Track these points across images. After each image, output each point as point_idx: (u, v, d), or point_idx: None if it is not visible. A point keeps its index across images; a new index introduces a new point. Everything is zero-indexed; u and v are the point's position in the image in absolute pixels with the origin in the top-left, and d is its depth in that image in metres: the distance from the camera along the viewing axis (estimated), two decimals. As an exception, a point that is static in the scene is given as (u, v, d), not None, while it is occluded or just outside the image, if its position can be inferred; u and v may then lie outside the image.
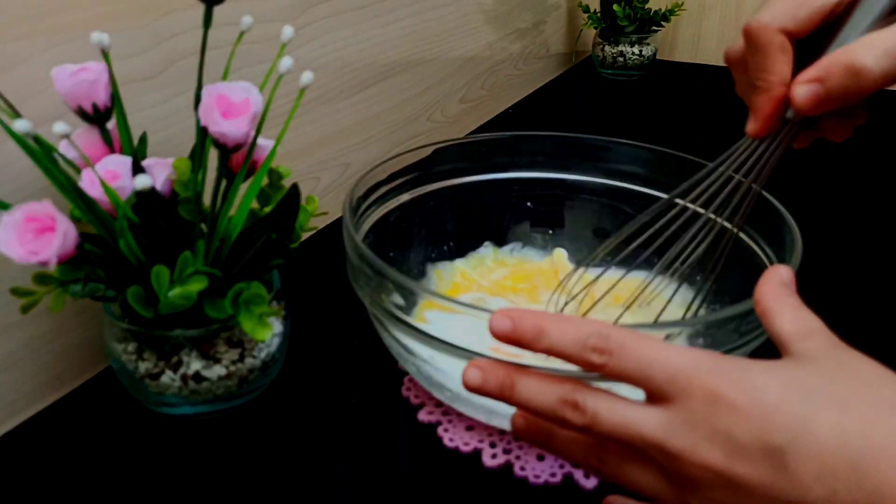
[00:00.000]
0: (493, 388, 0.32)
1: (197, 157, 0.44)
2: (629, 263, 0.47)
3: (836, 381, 0.28)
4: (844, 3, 0.35)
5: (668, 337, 0.38)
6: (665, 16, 1.19)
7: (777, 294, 0.33)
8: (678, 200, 0.43)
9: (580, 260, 0.58)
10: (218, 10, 0.44)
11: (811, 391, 0.27)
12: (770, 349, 0.33)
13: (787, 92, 0.36)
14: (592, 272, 0.48)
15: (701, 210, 0.42)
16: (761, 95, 0.37)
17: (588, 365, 0.31)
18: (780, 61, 0.36)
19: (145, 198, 0.40)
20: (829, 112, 0.37)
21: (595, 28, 1.21)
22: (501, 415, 0.43)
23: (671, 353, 0.29)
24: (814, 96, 0.34)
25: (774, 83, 0.36)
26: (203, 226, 0.46)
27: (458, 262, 0.61)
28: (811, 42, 0.37)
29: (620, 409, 0.30)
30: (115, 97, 0.44)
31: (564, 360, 0.31)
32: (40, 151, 0.39)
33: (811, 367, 0.29)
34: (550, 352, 0.31)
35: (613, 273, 0.47)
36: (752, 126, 0.38)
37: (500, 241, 0.63)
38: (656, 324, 0.40)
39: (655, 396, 0.30)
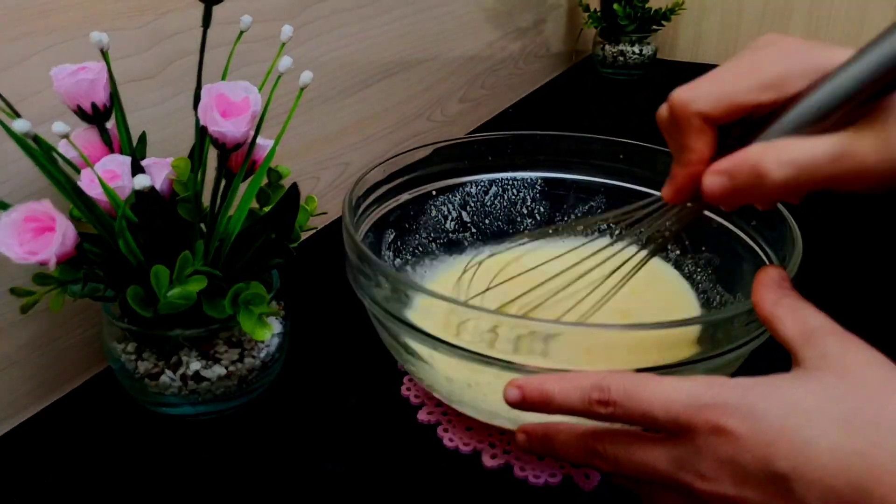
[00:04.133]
0: (537, 448, 0.36)
1: (196, 156, 0.44)
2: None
3: (838, 396, 0.28)
4: (768, 105, 0.33)
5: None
6: (665, 15, 1.19)
7: (774, 297, 0.33)
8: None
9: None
10: (217, 10, 0.44)
11: (812, 413, 0.28)
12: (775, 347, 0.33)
13: (703, 171, 0.35)
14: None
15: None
16: (681, 168, 0.36)
17: (596, 416, 0.32)
18: (699, 141, 0.35)
19: (144, 197, 0.40)
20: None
21: (595, 27, 1.21)
22: (502, 416, 0.43)
23: (670, 393, 0.30)
24: (721, 189, 0.33)
25: (692, 161, 0.35)
26: (202, 225, 0.46)
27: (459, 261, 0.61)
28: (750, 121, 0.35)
29: (636, 451, 0.32)
30: (114, 96, 0.44)
31: (576, 416, 0.33)
32: (39, 151, 0.39)
33: (814, 381, 0.29)
34: (562, 412, 0.33)
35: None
36: (667, 192, 0.38)
37: (499, 240, 0.63)
38: (655, 324, 0.39)
39: (664, 433, 0.31)
